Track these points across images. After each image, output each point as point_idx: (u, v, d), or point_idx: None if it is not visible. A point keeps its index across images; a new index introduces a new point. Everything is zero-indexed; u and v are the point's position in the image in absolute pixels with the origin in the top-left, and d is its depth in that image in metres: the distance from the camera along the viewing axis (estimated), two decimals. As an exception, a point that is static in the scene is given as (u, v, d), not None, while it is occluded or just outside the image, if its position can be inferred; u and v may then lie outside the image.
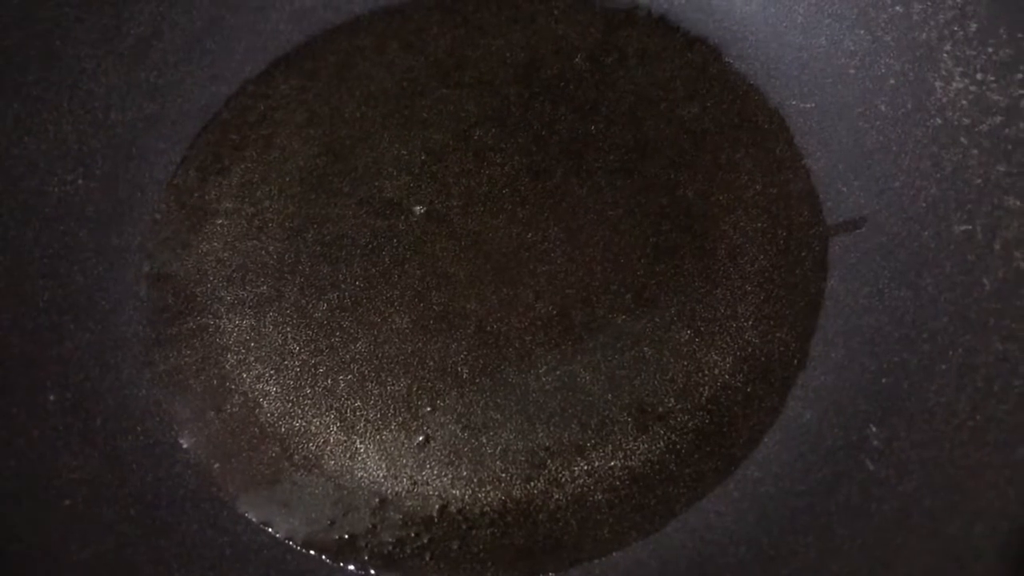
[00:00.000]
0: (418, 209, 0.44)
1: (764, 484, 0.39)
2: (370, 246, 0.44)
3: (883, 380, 0.39)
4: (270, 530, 0.39)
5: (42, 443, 0.38)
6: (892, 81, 0.44)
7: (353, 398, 0.41)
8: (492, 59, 0.48)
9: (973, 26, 0.42)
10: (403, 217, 0.45)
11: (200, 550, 0.38)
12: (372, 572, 0.38)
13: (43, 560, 0.36)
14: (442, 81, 0.48)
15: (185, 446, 0.40)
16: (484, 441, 0.40)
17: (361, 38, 0.49)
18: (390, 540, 0.39)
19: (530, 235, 0.44)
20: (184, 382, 0.42)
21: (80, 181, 0.44)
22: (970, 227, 0.40)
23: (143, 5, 0.46)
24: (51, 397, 0.39)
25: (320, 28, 0.49)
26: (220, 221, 0.45)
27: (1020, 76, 0.40)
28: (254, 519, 0.39)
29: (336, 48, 0.48)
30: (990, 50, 0.41)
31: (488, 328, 0.42)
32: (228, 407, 0.41)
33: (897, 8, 0.44)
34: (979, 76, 0.41)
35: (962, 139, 0.41)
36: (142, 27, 0.46)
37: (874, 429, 0.38)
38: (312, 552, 0.38)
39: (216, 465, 0.40)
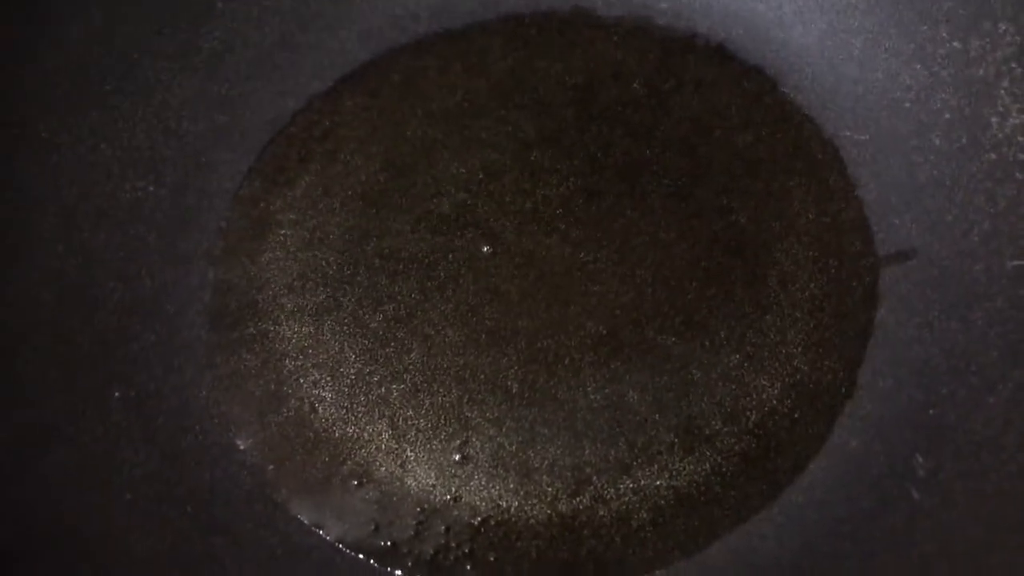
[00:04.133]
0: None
1: (808, 510, 0.39)
2: (426, 261, 0.45)
3: (930, 411, 0.39)
4: (320, 532, 0.40)
5: (105, 439, 0.40)
6: (947, 116, 0.44)
7: (405, 407, 0.42)
8: (551, 82, 0.49)
9: (1031, 64, 0.42)
10: (459, 234, 0.46)
11: (253, 549, 0.39)
12: (417, 578, 0.39)
13: (102, 553, 0.37)
14: (501, 102, 0.49)
15: (242, 447, 0.42)
16: (531, 455, 0.41)
17: (425, 59, 0.50)
18: (432, 548, 0.39)
19: (582, 255, 0.45)
20: (243, 385, 0.43)
21: (151, 188, 0.45)
22: (1022, 263, 0.40)
23: (217, 22, 0.48)
24: (116, 394, 0.41)
25: (385, 48, 0.50)
26: (283, 231, 0.46)
27: (1077, 114, 0.40)
28: (305, 521, 0.40)
29: (400, 67, 0.50)
30: (1047, 88, 0.41)
31: (538, 345, 0.43)
32: (284, 411, 0.42)
33: (955, 44, 0.44)
34: (1035, 113, 0.42)
35: (1017, 175, 0.42)
36: (216, 42, 0.48)
37: (920, 459, 0.38)
38: (360, 556, 0.39)
39: (271, 467, 0.41)
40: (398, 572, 0.39)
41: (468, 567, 0.39)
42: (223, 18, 0.48)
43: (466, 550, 0.40)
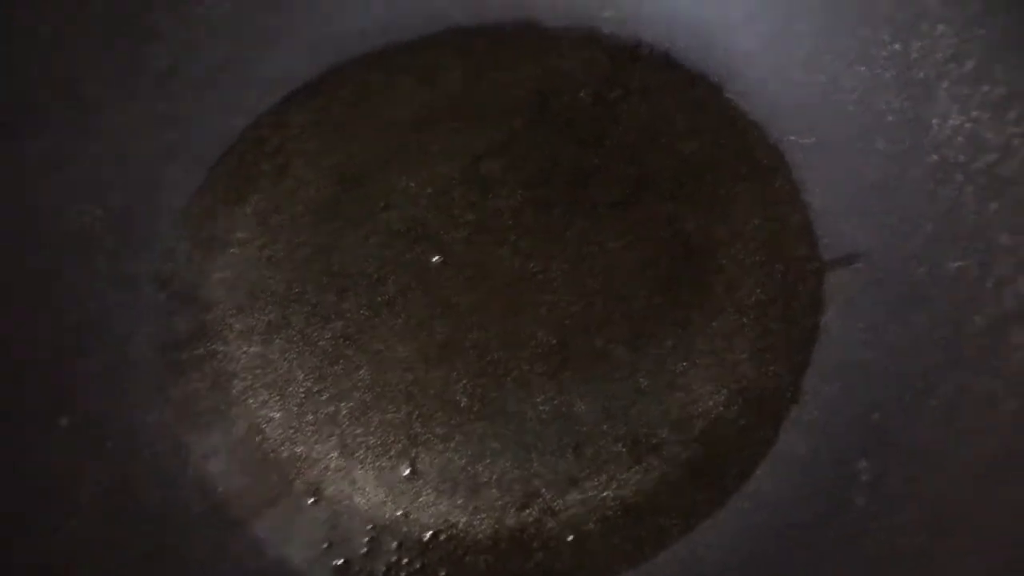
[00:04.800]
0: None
1: (755, 516, 0.39)
2: (375, 276, 0.45)
3: (874, 415, 0.40)
4: (272, 553, 0.40)
5: (54, 465, 0.40)
6: (890, 118, 0.44)
7: (354, 425, 0.42)
8: (499, 94, 0.49)
9: (970, 64, 0.42)
10: (409, 248, 0.46)
11: (204, 572, 0.39)
12: (367, 596, 0.39)
13: (52, 578, 0.38)
14: (451, 115, 0.49)
15: (191, 470, 0.42)
16: (480, 469, 0.41)
17: (373, 73, 0.50)
18: (384, 565, 0.40)
19: (532, 266, 0.45)
20: (193, 407, 0.43)
21: (98, 212, 0.45)
22: (964, 264, 0.40)
23: (162, 42, 0.48)
24: (63, 421, 0.41)
25: (334, 63, 0.50)
26: (232, 250, 0.46)
27: (1014, 115, 0.40)
28: (256, 542, 0.40)
29: (349, 82, 0.50)
30: (985, 88, 0.42)
31: (488, 358, 0.43)
32: (234, 432, 0.43)
33: (896, 46, 0.44)
34: (975, 114, 0.42)
35: (958, 176, 0.42)
36: (162, 62, 0.48)
37: (865, 464, 0.39)
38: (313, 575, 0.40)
39: (221, 489, 0.41)
40: (353, 586, 0.39)
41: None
42: (168, 38, 0.48)
43: (417, 566, 0.40)
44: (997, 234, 0.40)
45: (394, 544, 0.40)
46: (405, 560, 0.40)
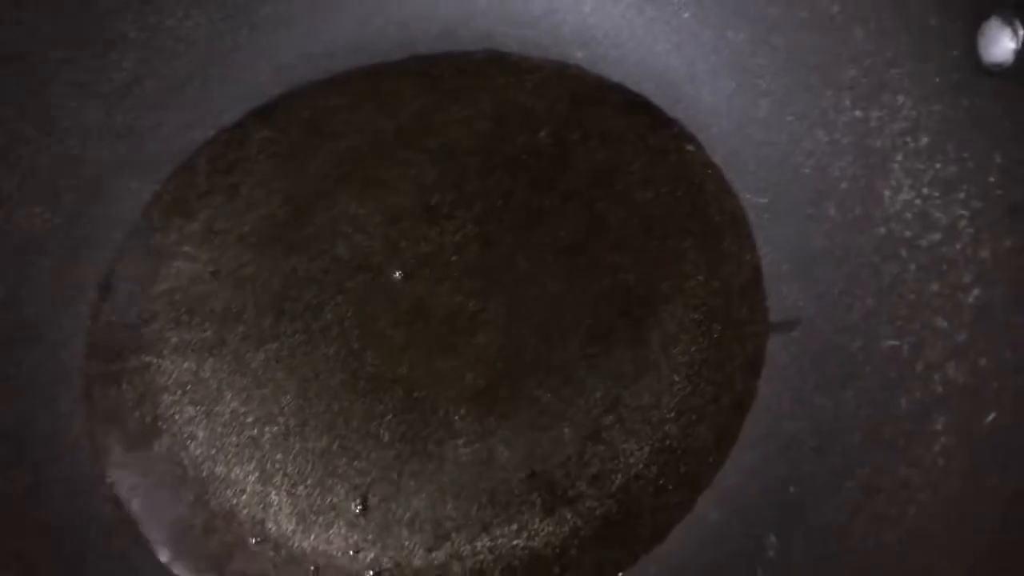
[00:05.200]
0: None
1: (660, 581, 0.39)
2: (315, 302, 0.45)
3: (791, 489, 0.39)
4: (174, 570, 0.40)
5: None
6: (844, 185, 0.44)
7: (275, 450, 0.42)
8: (458, 127, 0.49)
9: (924, 139, 0.41)
10: (351, 276, 0.46)
11: (103, 585, 0.39)
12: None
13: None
14: (407, 145, 0.49)
15: (109, 480, 0.42)
16: (393, 507, 0.41)
17: (335, 97, 0.50)
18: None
19: (471, 304, 0.45)
20: (119, 418, 0.43)
21: (48, 215, 0.46)
22: (897, 343, 0.40)
23: (129, 50, 0.48)
24: (-14, 421, 0.41)
25: (298, 83, 0.50)
26: (177, 264, 0.47)
27: (961, 195, 0.40)
28: (161, 557, 0.40)
29: (310, 104, 0.50)
30: (937, 166, 0.41)
31: (415, 395, 0.43)
32: (156, 446, 0.43)
33: (856, 113, 0.44)
34: (925, 191, 0.41)
35: (902, 252, 0.41)
36: (125, 72, 0.48)
37: (773, 539, 0.38)
38: (208, 599, 0.40)
39: (135, 501, 0.41)
40: (248, 616, 0.39)
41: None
42: (136, 47, 0.48)
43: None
44: (932, 316, 0.39)
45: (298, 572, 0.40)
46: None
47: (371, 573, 0.40)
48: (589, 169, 0.47)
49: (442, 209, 0.47)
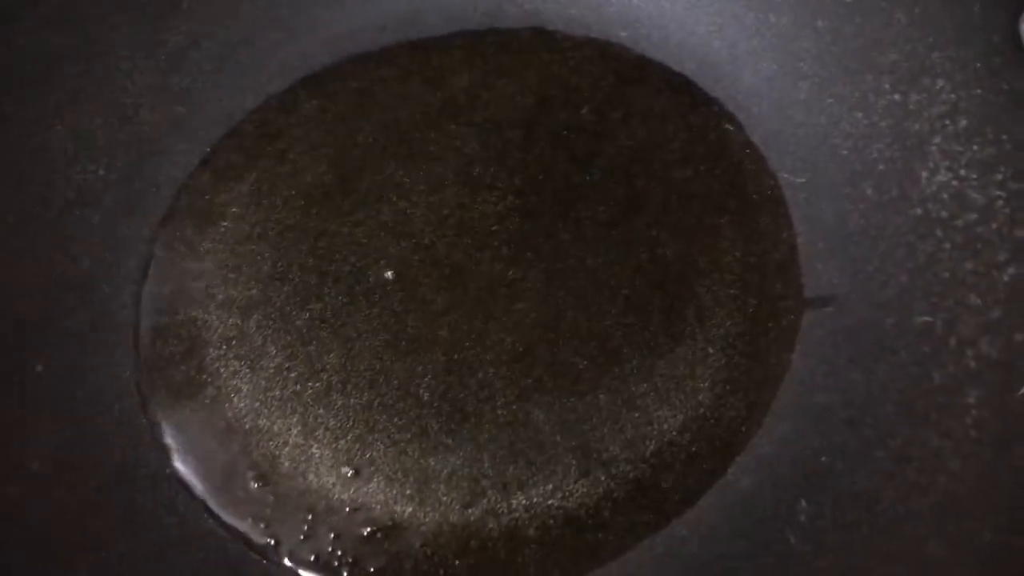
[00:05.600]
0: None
1: (690, 544, 0.40)
2: (359, 265, 0.46)
3: (822, 458, 0.40)
4: (216, 520, 0.41)
5: (21, 408, 0.42)
6: (882, 167, 0.44)
7: (317, 406, 0.43)
8: (502, 101, 0.50)
9: (963, 122, 0.42)
10: (394, 241, 0.47)
11: (148, 526, 0.40)
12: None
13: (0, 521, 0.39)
14: (452, 118, 0.50)
15: (155, 429, 0.43)
16: (432, 463, 0.42)
17: (384, 69, 0.51)
18: (315, 551, 0.40)
19: (510, 273, 0.46)
20: (165, 369, 0.44)
21: (101, 172, 0.47)
22: (931, 319, 0.40)
23: (184, 18, 0.50)
24: (39, 367, 0.43)
25: (347, 54, 0.52)
26: (225, 224, 0.48)
27: (999, 177, 0.40)
28: (204, 506, 0.41)
29: (360, 75, 0.51)
30: (975, 148, 0.41)
31: (455, 356, 0.44)
32: (201, 398, 0.44)
33: (895, 96, 0.45)
34: (962, 172, 0.42)
35: (938, 232, 0.42)
36: (180, 37, 0.50)
37: (804, 504, 0.39)
38: (247, 547, 0.40)
39: (178, 450, 0.43)
40: (288, 562, 0.40)
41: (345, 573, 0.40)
42: (190, 13, 0.50)
43: (350, 559, 0.40)
44: (967, 294, 0.40)
45: (331, 536, 0.41)
46: (340, 551, 0.40)
47: (410, 529, 0.41)
48: (629, 146, 0.48)
49: (484, 180, 0.48)
